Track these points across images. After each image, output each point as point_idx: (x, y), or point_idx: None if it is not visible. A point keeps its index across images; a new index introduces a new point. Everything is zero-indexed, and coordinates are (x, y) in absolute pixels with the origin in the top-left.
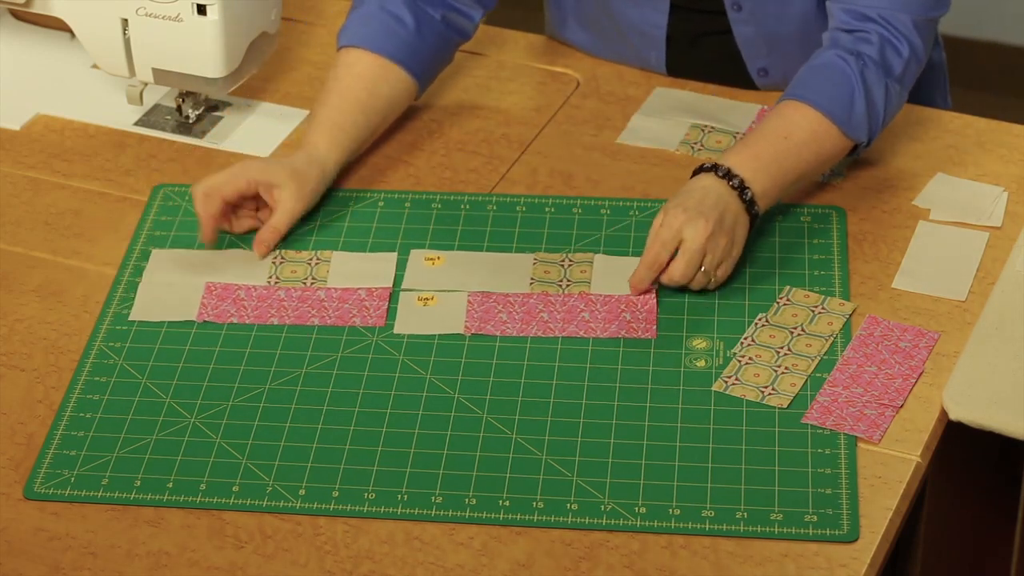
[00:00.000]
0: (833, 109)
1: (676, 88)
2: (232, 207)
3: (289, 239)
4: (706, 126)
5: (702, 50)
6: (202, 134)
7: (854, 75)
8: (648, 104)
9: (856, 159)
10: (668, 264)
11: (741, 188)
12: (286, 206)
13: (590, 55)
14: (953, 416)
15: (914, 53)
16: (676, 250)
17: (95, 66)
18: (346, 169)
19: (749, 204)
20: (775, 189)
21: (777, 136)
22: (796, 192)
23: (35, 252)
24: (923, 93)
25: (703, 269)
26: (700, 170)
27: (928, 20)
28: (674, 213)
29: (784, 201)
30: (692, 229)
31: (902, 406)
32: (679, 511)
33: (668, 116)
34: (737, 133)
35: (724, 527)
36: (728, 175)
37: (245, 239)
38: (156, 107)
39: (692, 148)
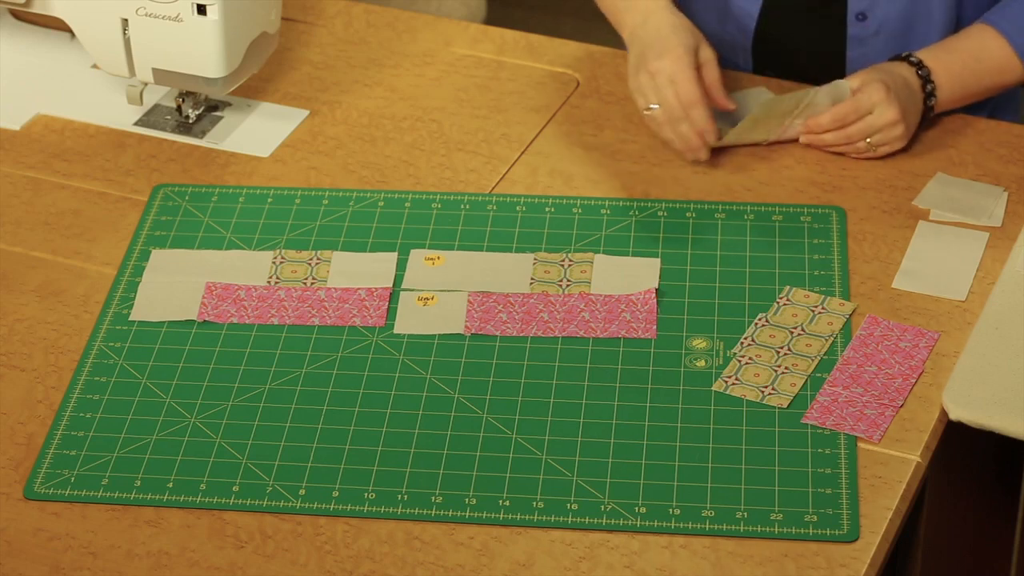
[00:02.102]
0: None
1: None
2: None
3: (289, 239)
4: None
5: None
6: (202, 134)
7: None
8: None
9: (859, 158)
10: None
11: (929, 95)
12: (709, 55)
13: None
14: (953, 416)
15: None
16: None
17: (95, 66)
18: (346, 169)
19: (928, 109)
20: (951, 103)
21: (971, 56)
22: (796, 192)
23: (35, 252)
24: (997, 111)
25: (869, 142)
26: (898, 58)
27: None
28: (877, 87)
29: (784, 201)
30: (883, 109)
31: (902, 406)
32: (679, 511)
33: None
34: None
35: (724, 527)
36: (926, 79)
37: (245, 239)
38: (156, 107)
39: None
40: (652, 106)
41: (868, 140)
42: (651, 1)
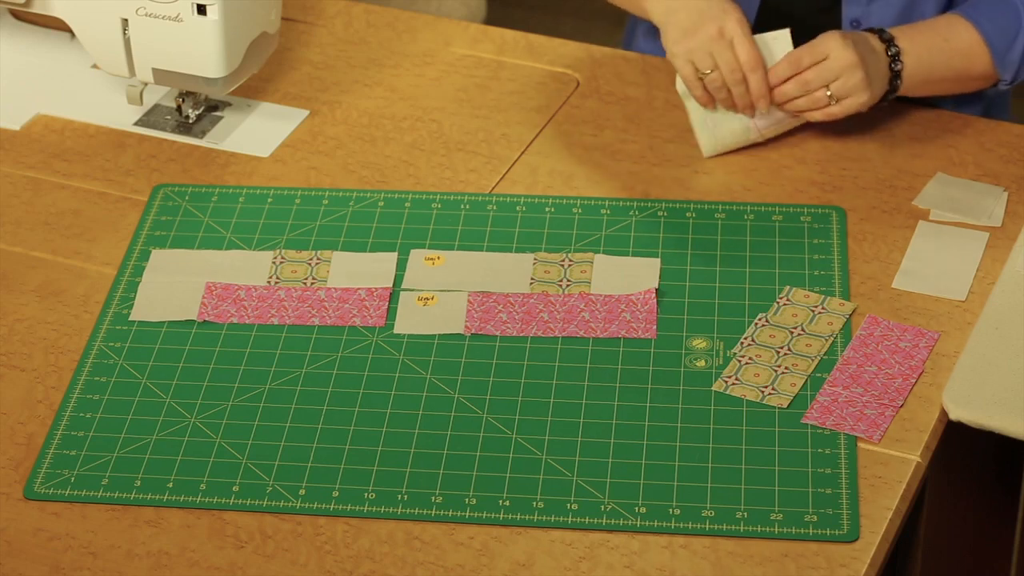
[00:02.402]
0: (994, 39)
1: None
2: None
3: (289, 239)
4: None
5: None
6: (202, 134)
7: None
8: None
9: (852, 159)
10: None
11: (894, 58)
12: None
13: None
14: (953, 416)
15: None
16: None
17: (95, 66)
18: (346, 169)
19: (894, 76)
20: (918, 77)
21: (938, 35)
22: (796, 192)
23: (35, 252)
24: (992, 110)
25: (829, 93)
26: (866, 30)
27: None
28: (833, 34)
29: (784, 201)
30: (840, 52)
31: (902, 406)
32: (679, 511)
33: None
34: None
35: (724, 527)
36: (889, 42)
37: (245, 239)
38: (156, 107)
39: None
40: (706, 72)
41: (828, 92)
42: None
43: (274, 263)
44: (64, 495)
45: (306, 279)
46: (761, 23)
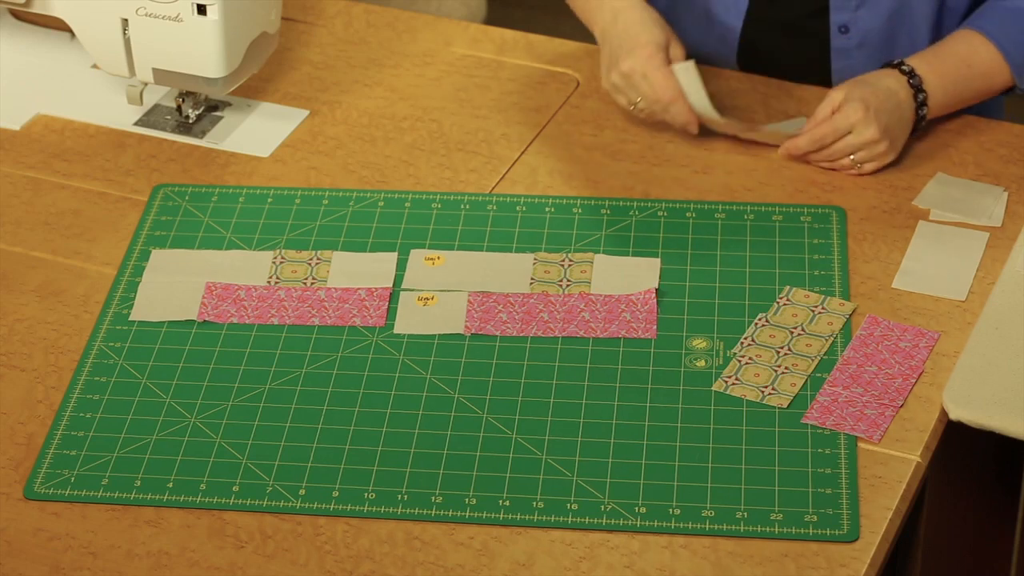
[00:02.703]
0: (1012, 51)
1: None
2: None
3: (289, 239)
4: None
5: (787, 0)
6: (202, 134)
7: None
8: None
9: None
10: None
11: (921, 104)
12: (679, 52)
13: None
14: (953, 416)
15: None
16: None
17: (95, 66)
18: (346, 169)
19: (920, 119)
20: (942, 109)
21: (961, 61)
22: (796, 192)
23: (35, 252)
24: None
25: (853, 159)
26: (889, 65)
27: None
28: (855, 107)
29: (784, 201)
30: (862, 129)
31: (902, 406)
32: (679, 511)
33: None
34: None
35: (724, 527)
36: (917, 88)
37: (245, 239)
38: (156, 107)
39: None
40: (635, 102)
41: (852, 158)
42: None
43: (274, 263)
44: (64, 495)
45: (306, 279)
46: (749, 30)
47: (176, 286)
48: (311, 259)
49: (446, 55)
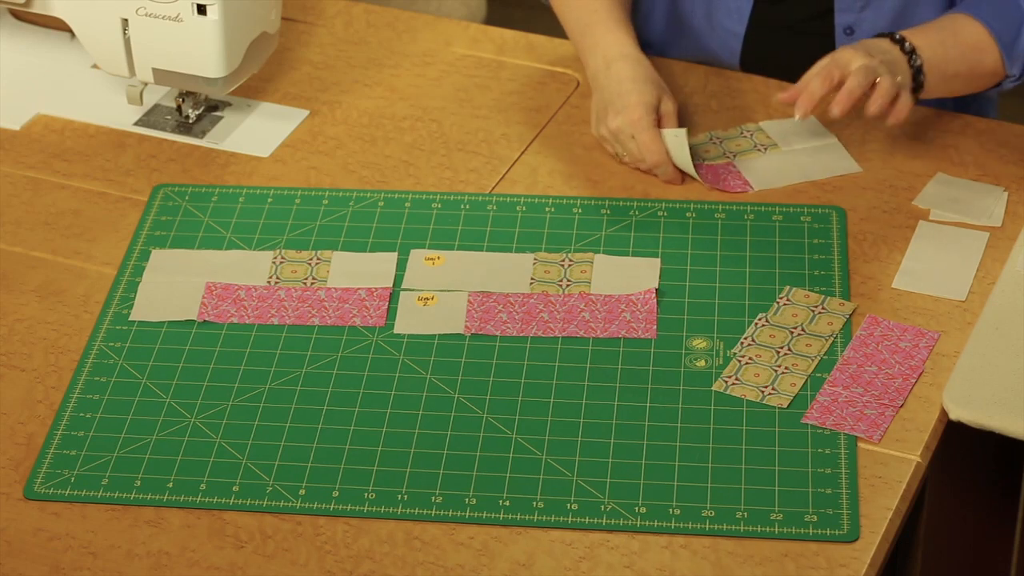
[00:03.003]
0: (1001, 31)
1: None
2: None
3: (289, 239)
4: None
5: (790, 3)
6: (202, 134)
7: None
8: None
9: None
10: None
11: (911, 53)
12: (670, 107)
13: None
14: (953, 416)
15: None
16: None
17: (95, 66)
18: (346, 169)
19: (916, 71)
20: (936, 73)
21: (946, 31)
22: (796, 192)
23: (35, 252)
24: (973, 108)
25: (879, 79)
26: (879, 36)
27: None
28: (847, 50)
29: (784, 201)
30: (858, 59)
31: (902, 406)
32: (679, 511)
33: None
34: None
35: (724, 527)
36: (911, 52)
37: (245, 239)
38: (156, 107)
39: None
40: (622, 155)
41: (878, 80)
42: (615, 44)
43: (274, 263)
44: (64, 495)
45: (306, 279)
46: (753, 32)
47: (176, 286)
48: (311, 259)
49: (446, 55)
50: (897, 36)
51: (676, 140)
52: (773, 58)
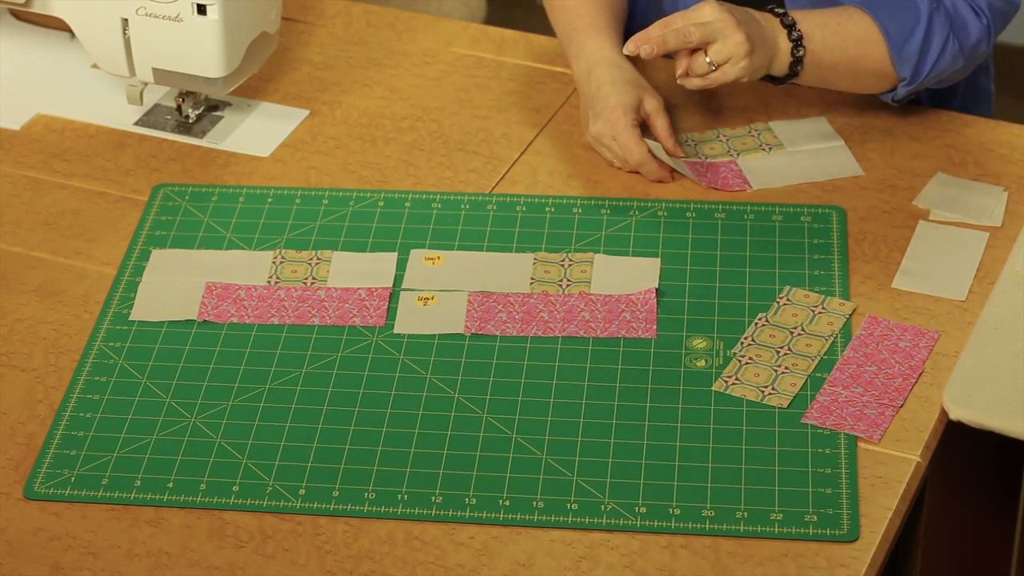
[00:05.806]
0: (891, 29)
1: None
2: None
3: (289, 239)
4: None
5: None
6: (202, 134)
7: (924, 12)
8: None
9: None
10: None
11: (796, 43)
12: (654, 104)
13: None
14: (953, 416)
15: (988, 33)
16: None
17: (95, 66)
18: (346, 169)
19: (795, 62)
20: (811, 58)
21: (832, 18)
22: (796, 192)
23: (35, 252)
24: (973, 109)
25: (708, 60)
26: (767, 10)
27: (1005, 7)
28: (709, 6)
29: (784, 201)
30: (718, 12)
31: (902, 406)
32: (679, 511)
33: None
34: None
35: (724, 527)
36: (790, 27)
37: (245, 239)
38: (156, 107)
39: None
40: (610, 159)
41: (708, 59)
42: (596, 50)
43: (274, 263)
44: (64, 495)
45: (306, 279)
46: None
47: (176, 286)
48: (311, 259)
49: (446, 55)
50: (788, 18)
51: (658, 147)
52: None
